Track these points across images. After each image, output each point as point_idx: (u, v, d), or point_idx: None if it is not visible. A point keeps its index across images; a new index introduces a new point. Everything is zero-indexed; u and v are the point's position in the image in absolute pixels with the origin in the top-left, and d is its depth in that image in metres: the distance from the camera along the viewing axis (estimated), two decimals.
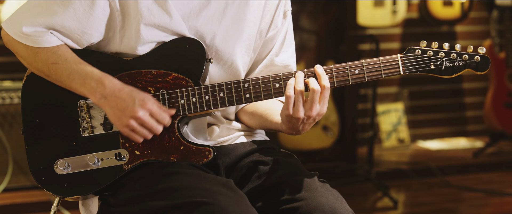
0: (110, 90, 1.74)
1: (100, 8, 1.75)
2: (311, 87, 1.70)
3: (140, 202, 1.69)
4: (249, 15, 1.86)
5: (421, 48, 1.75)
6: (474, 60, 1.72)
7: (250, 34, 1.87)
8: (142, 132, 1.74)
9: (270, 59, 1.93)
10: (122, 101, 1.73)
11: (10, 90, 4.16)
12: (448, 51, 1.73)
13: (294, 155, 1.91)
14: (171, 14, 1.76)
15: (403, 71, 1.74)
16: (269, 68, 1.93)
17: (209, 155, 1.77)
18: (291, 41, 1.97)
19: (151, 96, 1.75)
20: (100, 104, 1.76)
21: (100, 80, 1.75)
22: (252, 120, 1.92)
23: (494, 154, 5.27)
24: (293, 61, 1.97)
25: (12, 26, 1.77)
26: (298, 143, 4.92)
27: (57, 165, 1.80)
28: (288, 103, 1.71)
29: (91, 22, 1.76)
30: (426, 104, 5.80)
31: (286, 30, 1.95)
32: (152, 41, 1.79)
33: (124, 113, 1.73)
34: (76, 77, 1.76)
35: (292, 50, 1.97)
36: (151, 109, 1.73)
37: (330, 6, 5.11)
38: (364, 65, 1.74)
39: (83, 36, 1.78)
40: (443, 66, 1.74)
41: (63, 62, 1.77)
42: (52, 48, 1.77)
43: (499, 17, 5.49)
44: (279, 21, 1.92)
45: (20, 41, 1.77)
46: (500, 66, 5.32)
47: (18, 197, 4.06)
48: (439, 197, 4.38)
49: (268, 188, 1.78)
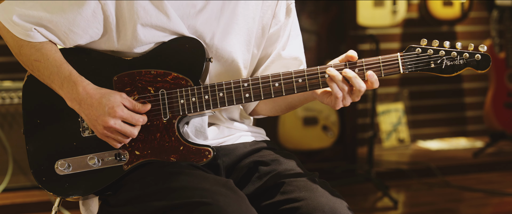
0: (83, 96, 1.73)
1: (90, 9, 1.74)
2: (348, 75, 1.70)
3: (140, 202, 1.68)
4: (248, 11, 1.86)
5: (421, 47, 1.73)
6: (475, 59, 1.71)
7: (249, 30, 1.87)
8: (117, 138, 1.74)
9: (277, 53, 1.92)
10: (94, 110, 1.73)
11: (10, 90, 4.16)
12: (449, 49, 1.72)
13: (294, 155, 1.90)
14: (168, 14, 1.76)
15: (403, 70, 1.73)
16: (277, 63, 1.92)
17: (208, 155, 1.77)
18: (297, 33, 1.96)
19: (121, 101, 1.73)
20: (75, 109, 1.76)
21: (75, 85, 1.74)
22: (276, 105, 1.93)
23: (494, 154, 5.27)
24: (301, 53, 1.95)
25: (4, 13, 1.77)
26: (298, 143, 4.93)
27: (57, 165, 1.80)
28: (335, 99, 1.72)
29: (78, 21, 1.75)
30: (426, 104, 5.80)
31: (291, 22, 1.94)
32: (151, 42, 1.79)
33: (97, 121, 1.73)
34: (56, 79, 1.76)
35: (299, 41, 1.96)
36: (122, 116, 1.72)
37: (330, 6, 5.11)
38: (364, 64, 1.73)
39: (69, 34, 1.77)
40: (443, 65, 1.73)
41: (45, 61, 1.77)
42: (36, 44, 1.77)
43: (499, 17, 5.49)
44: (282, 15, 1.91)
45: (8, 28, 1.77)
46: (500, 66, 5.32)
47: (18, 197, 4.06)
48: (439, 197, 4.38)
49: (268, 188, 1.78)
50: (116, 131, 1.73)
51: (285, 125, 4.91)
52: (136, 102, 1.75)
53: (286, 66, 1.91)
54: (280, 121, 4.92)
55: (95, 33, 1.78)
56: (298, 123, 4.90)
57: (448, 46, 1.72)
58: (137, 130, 1.75)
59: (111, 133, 1.73)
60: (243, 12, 1.85)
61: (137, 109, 1.75)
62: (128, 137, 1.75)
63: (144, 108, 1.75)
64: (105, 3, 1.74)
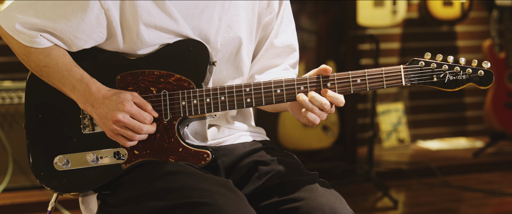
0: (96, 97, 1.74)
1: (93, 15, 1.75)
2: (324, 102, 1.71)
3: (139, 202, 1.69)
4: (248, 3, 1.86)
5: (424, 60, 1.73)
6: (478, 75, 1.71)
7: (251, 22, 1.88)
8: (127, 134, 1.75)
9: (270, 42, 1.93)
10: (105, 107, 1.73)
11: (10, 90, 4.16)
12: (452, 64, 1.72)
13: (294, 155, 1.91)
14: (172, 15, 1.76)
15: (405, 83, 1.73)
16: (270, 51, 1.93)
17: (207, 158, 1.77)
18: (290, 20, 1.96)
19: (131, 98, 1.74)
20: (88, 111, 1.76)
21: (88, 87, 1.75)
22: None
23: (494, 154, 5.27)
24: (294, 40, 1.96)
25: (6, 20, 1.77)
26: (298, 143, 4.93)
27: (56, 161, 1.80)
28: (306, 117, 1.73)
29: (83, 28, 1.76)
30: (426, 104, 5.80)
31: (284, 9, 1.94)
32: (156, 44, 1.79)
33: (106, 117, 1.73)
34: (67, 83, 1.77)
35: (292, 29, 1.96)
36: (130, 111, 1.73)
37: (330, 6, 5.11)
38: (366, 75, 1.73)
39: (74, 40, 1.78)
40: (446, 79, 1.73)
41: (55, 66, 1.77)
42: (44, 50, 1.78)
43: (499, 17, 5.49)
44: (276, 4, 1.92)
45: (13, 36, 1.77)
46: (500, 66, 5.32)
47: (18, 197, 4.06)
48: (439, 197, 4.38)
49: (268, 188, 1.78)
50: (125, 125, 1.73)
51: (285, 125, 4.92)
52: (147, 103, 1.76)
53: (279, 55, 1.92)
54: (280, 121, 4.92)
55: (100, 38, 1.78)
56: (298, 123, 4.90)
57: (452, 61, 1.72)
58: (146, 127, 1.75)
59: (121, 128, 1.74)
60: (244, 5, 1.86)
61: (144, 107, 1.75)
62: (137, 133, 1.75)
63: (152, 112, 1.76)
64: (108, 8, 1.74)
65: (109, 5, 1.73)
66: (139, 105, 1.75)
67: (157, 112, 1.78)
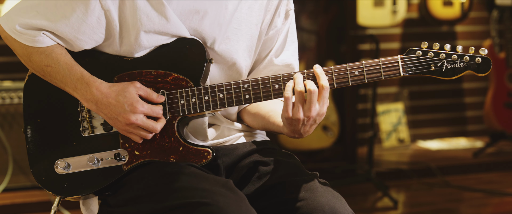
0: (98, 97, 1.74)
1: (94, 17, 1.74)
2: (308, 88, 1.69)
3: (139, 203, 1.69)
4: (251, 17, 1.85)
5: (422, 49, 1.73)
6: (475, 62, 1.71)
7: (252, 36, 1.87)
8: (140, 133, 1.75)
9: (270, 59, 1.92)
10: (113, 109, 1.73)
11: (10, 90, 4.16)
12: (449, 52, 1.71)
13: (294, 155, 1.90)
14: (168, 17, 1.75)
15: (403, 73, 1.73)
16: (269, 69, 1.92)
17: (208, 156, 1.77)
18: (293, 39, 1.96)
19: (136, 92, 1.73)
20: (93, 109, 1.76)
21: (88, 86, 1.75)
22: (255, 121, 1.92)
23: (494, 154, 5.27)
24: (295, 60, 1.95)
25: (8, 23, 1.77)
26: (298, 143, 4.93)
27: (57, 165, 1.80)
28: (287, 105, 1.70)
29: (84, 29, 1.75)
30: (426, 104, 5.80)
31: (288, 29, 1.93)
32: (153, 46, 1.79)
33: (118, 119, 1.73)
34: (69, 82, 1.77)
35: (293, 48, 1.96)
36: (143, 111, 1.73)
37: (330, 6, 5.11)
38: (364, 66, 1.73)
39: (75, 41, 1.77)
40: (444, 68, 1.72)
41: (56, 65, 1.77)
42: (45, 49, 1.77)
43: (499, 17, 5.49)
44: (280, 21, 1.91)
45: (15, 37, 1.77)
46: (500, 66, 5.32)
47: (18, 197, 4.06)
48: (439, 197, 4.38)
49: (269, 188, 1.78)
50: (138, 126, 1.73)
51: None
52: (151, 91, 1.76)
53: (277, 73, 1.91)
54: None
55: (100, 38, 1.78)
56: None
57: (449, 49, 1.72)
58: (160, 125, 1.75)
59: (134, 129, 1.74)
60: (247, 18, 1.85)
61: (150, 98, 1.75)
62: (150, 133, 1.75)
63: (159, 99, 1.76)
64: (108, 9, 1.74)
65: (109, 6, 1.73)
66: (145, 97, 1.75)
67: None
